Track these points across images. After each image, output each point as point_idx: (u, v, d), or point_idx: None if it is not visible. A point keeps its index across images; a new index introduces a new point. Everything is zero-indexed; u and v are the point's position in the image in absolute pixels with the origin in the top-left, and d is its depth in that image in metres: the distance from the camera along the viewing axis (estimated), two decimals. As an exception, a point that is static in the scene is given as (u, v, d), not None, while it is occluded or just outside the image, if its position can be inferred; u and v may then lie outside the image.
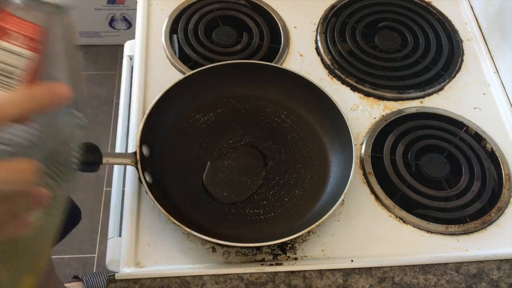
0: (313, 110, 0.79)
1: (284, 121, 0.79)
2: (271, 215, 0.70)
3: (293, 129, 0.78)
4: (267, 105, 0.80)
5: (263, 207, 0.71)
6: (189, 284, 0.64)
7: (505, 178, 0.77)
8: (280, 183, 0.73)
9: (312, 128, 0.78)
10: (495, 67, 0.90)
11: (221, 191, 0.72)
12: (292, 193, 0.72)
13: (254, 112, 0.79)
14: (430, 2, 1.00)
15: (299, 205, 0.72)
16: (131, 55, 0.91)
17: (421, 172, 0.77)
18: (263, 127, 0.78)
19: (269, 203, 0.71)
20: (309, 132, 0.78)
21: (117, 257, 0.68)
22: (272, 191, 0.72)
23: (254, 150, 0.76)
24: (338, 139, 0.75)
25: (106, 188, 1.70)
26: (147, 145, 0.70)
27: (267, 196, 0.72)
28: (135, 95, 0.81)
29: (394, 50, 0.92)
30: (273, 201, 0.72)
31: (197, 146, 0.75)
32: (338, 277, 0.66)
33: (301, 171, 0.74)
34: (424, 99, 0.86)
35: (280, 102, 0.80)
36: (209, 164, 0.74)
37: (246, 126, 0.78)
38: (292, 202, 0.72)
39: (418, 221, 0.72)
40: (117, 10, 1.89)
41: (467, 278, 0.67)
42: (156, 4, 0.94)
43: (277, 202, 0.71)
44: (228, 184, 0.72)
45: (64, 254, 1.56)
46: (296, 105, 0.80)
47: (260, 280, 0.65)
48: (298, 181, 0.73)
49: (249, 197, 0.72)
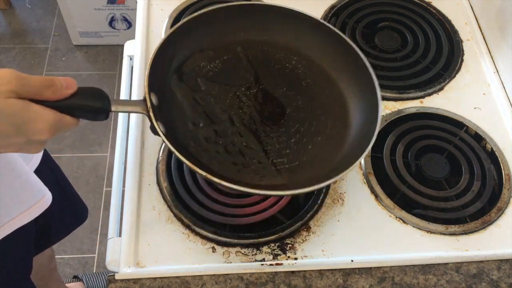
0: (327, 55, 0.73)
1: (296, 67, 0.74)
2: (296, 164, 0.66)
3: (306, 75, 0.73)
4: (276, 51, 0.74)
5: (287, 155, 0.66)
6: (189, 284, 0.64)
7: (505, 178, 0.77)
8: (301, 130, 0.68)
9: (327, 74, 0.73)
10: (495, 67, 0.90)
11: (240, 141, 0.66)
12: (315, 140, 0.68)
13: (263, 59, 0.74)
14: (430, 2, 1.00)
15: (324, 152, 0.67)
16: (131, 55, 0.91)
17: (421, 172, 0.77)
18: (275, 74, 0.73)
19: (292, 151, 0.67)
20: (323, 78, 0.73)
21: (117, 257, 0.68)
22: (293, 139, 0.68)
23: (269, 96, 0.71)
24: (358, 85, 0.70)
25: (106, 188, 1.70)
26: (154, 93, 0.63)
27: (289, 145, 0.67)
28: (135, 95, 0.81)
29: (394, 50, 0.92)
30: (296, 150, 0.67)
31: (207, 95, 0.69)
32: (338, 277, 0.66)
33: (321, 118, 0.70)
34: (424, 99, 0.86)
35: (289, 47, 0.74)
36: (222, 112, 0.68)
37: (256, 73, 0.72)
38: (316, 149, 0.67)
39: (418, 221, 0.72)
40: (117, 10, 1.89)
41: (467, 278, 0.67)
42: (156, 4, 0.94)
43: (300, 150, 0.67)
44: (247, 133, 0.67)
45: (64, 254, 1.56)
46: (306, 50, 0.74)
47: (260, 280, 0.65)
48: (319, 127, 0.69)
49: (270, 146, 0.67)
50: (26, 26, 2.11)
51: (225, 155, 0.65)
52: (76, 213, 1.03)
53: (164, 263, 0.67)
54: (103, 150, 1.78)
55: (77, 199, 1.04)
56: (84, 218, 1.06)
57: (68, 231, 1.03)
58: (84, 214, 1.06)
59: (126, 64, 0.90)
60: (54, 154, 1.73)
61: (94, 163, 1.75)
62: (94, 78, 1.97)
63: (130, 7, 1.87)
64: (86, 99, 0.52)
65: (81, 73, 1.98)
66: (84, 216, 1.06)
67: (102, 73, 1.98)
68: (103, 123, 1.83)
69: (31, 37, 2.07)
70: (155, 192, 0.73)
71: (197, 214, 0.71)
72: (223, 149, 0.66)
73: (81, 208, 1.05)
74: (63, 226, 1.00)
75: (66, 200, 0.96)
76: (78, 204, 1.04)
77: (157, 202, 0.72)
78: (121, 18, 1.93)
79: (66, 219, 0.99)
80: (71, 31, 1.98)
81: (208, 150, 0.65)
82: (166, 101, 0.65)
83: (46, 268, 1.15)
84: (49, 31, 2.09)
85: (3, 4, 2.13)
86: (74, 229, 1.03)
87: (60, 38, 2.07)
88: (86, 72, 1.98)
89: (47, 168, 0.80)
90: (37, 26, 2.11)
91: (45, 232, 0.92)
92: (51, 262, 1.17)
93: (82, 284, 1.43)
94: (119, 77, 1.94)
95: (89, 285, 1.44)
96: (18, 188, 0.69)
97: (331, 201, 0.74)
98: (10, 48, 2.03)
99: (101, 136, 1.81)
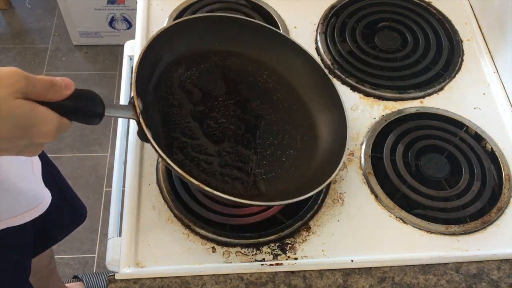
0: (295, 72, 0.77)
1: (267, 81, 0.77)
2: (272, 175, 0.69)
3: (276, 90, 0.77)
4: (249, 64, 0.78)
5: (264, 166, 0.69)
6: (189, 284, 0.64)
7: (505, 178, 0.77)
8: (275, 142, 0.72)
9: (295, 90, 0.77)
10: (495, 67, 0.90)
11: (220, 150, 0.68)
12: (288, 153, 0.71)
13: (237, 70, 0.77)
14: (430, 2, 1.00)
15: (296, 165, 0.70)
16: (131, 55, 0.91)
17: (421, 172, 0.77)
18: (249, 86, 0.76)
19: (268, 163, 0.70)
20: (292, 94, 0.77)
21: (117, 257, 0.68)
22: (269, 151, 0.71)
23: (245, 108, 0.73)
24: (325, 103, 0.75)
25: (106, 188, 1.70)
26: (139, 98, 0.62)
27: (265, 156, 0.70)
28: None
29: (394, 50, 0.92)
30: (272, 161, 0.70)
31: (187, 102, 0.71)
32: (338, 277, 0.66)
33: (292, 131, 0.73)
34: (424, 99, 0.86)
35: (261, 61, 0.78)
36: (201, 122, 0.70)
37: (232, 84, 0.75)
38: (289, 162, 0.71)
39: (418, 221, 0.72)
40: (117, 10, 1.89)
41: (467, 278, 0.67)
42: (156, 4, 0.94)
43: (275, 162, 0.70)
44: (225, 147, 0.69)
45: (64, 254, 1.56)
46: (276, 65, 0.78)
47: (260, 280, 0.65)
48: (290, 141, 0.72)
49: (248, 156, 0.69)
50: (26, 26, 2.11)
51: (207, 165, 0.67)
52: (75, 214, 1.03)
53: (164, 263, 0.67)
54: (103, 150, 1.78)
55: (75, 199, 1.03)
56: (83, 218, 1.05)
57: (67, 232, 1.03)
58: (83, 214, 1.05)
59: (126, 64, 0.90)
60: (54, 154, 1.73)
61: (94, 163, 1.75)
62: (94, 78, 1.97)
63: (130, 7, 1.87)
64: (83, 101, 0.51)
65: (81, 73, 1.98)
66: (83, 216, 1.05)
67: (102, 73, 1.98)
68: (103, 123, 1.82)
69: (31, 37, 2.07)
70: (155, 192, 0.73)
71: (197, 214, 0.71)
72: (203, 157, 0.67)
73: (79, 208, 1.05)
74: (62, 227, 1.00)
75: (64, 201, 0.96)
76: (76, 204, 1.04)
77: (157, 202, 0.72)
78: (121, 18, 1.93)
79: (65, 220, 0.99)
80: (71, 31, 1.98)
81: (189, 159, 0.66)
82: (149, 107, 0.66)
83: (45, 269, 1.15)
84: (49, 31, 2.09)
85: (3, 4, 2.13)
86: (73, 229, 1.03)
87: (60, 38, 2.07)
88: (86, 72, 1.98)
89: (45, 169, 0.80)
90: (37, 26, 2.11)
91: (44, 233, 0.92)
92: (50, 263, 1.17)
93: (82, 284, 1.43)
94: (119, 77, 1.94)
95: (89, 285, 1.44)
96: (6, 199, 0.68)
97: (331, 201, 0.74)
98: (10, 48, 2.03)
99: (101, 136, 1.81)
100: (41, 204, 0.74)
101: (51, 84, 0.46)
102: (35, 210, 0.73)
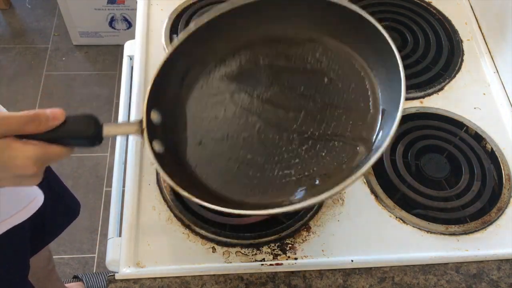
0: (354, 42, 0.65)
1: (319, 60, 0.66)
2: (304, 175, 0.59)
3: (330, 69, 0.65)
4: (298, 46, 0.66)
5: (294, 166, 0.60)
6: (189, 284, 0.64)
7: (505, 178, 0.77)
8: (315, 134, 0.61)
9: (354, 64, 0.64)
10: (495, 67, 0.90)
11: (245, 153, 0.61)
12: (331, 146, 0.60)
13: (281, 57, 0.67)
14: (430, 2, 1.00)
15: (338, 159, 0.60)
16: (131, 55, 0.91)
17: (421, 172, 0.77)
18: (293, 71, 0.66)
19: (301, 160, 0.60)
20: (350, 69, 0.64)
21: (117, 257, 0.68)
22: (305, 146, 0.61)
23: (283, 98, 0.64)
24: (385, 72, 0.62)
25: (106, 188, 1.70)
26: (158, 110, 0.59)
27: (299, 153, 0.60)
28: (135, 95, 0.81)
29: (394, 50, 0.91)
30: (307, 158, 0.60)
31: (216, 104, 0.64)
32: (338, 277, 0.66)
33: (342, 117, 0.62)
34: (424, 99, 0.86)
35: (313, 38, 0.66)
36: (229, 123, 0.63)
37: (272, 74, 0.65)
38: (330, 156, 0.60)
39: (418, 221, 0.72)
40: (117, 10, 1.89)
41: (467, 278, 0.67)
42: (156, 4, 0.94)
43: (311, 159, 0.60)
44: (253, 145, 0.61)
45: (64, 254, 1.56)
46: (332, 39, 0.66)
47: (260, 280, 0.65)
48: (337, 129, 0.61)
49: (278, 157, 0.61)
50: (26, 26, 2.11)
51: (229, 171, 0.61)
52: (68, 209, 1.03)
53: (164, 263, 0.67)
54: (103, 150, 1.78)
55: (68, 195, 1.04)
56: (76, 214, 1.05)
57: (61, 228, 1.03)
58: (76, 209, 1.06)
59: (126, 64, 0.90)
60: (54, 154, 1.73)
61: (94, 163, 1.75)
62: (94, 78, 1.97)
63: (130, 7, 1.87)
64: (75, 127, 0.51)
65: (81, 73, 1.98)
66: (76, 211, 1.06)
67: (102, 73, 1.98)
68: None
69: (31, 37, 2.07)
70: (155, 192, 0.73)
71: (197, 214, 0.71)
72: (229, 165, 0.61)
73: (72, 203, 1.05)
74: (56, 224, 1.00)
75: (57, 197, 0.96)
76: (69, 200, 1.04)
77: (157, 202, 0.72)
78: (121, 18, 1.93)
79: (59, 216, 0.99)
80: (71, 31, 1.98)
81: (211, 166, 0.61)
82: (171, 118, 0.62)
83: (44, 269, 1.15)
84: (49, 31, 2.09)
85: (3, 4, 2.13)
86: (67, 225, 1.03)
87: (60, 38, 2.07)
88: (86, 72, 1.98)
89: None
90: (37, 26, 2.11)
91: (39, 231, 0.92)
92: (48, 264, 1.17)
93: (82, 284, 1.43)
94: (119, 77, 1.94)
95: (89, 285, 1.44)
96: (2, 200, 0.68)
97: (331, 201, 0.74)
98: (10, 48, 2.03)
99: (101, 136, 1.81)
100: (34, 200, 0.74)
101: (31, 118, 0.47)
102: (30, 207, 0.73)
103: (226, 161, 0.61)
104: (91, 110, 1.86)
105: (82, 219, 1.47)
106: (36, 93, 1.89)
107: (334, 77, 0.65)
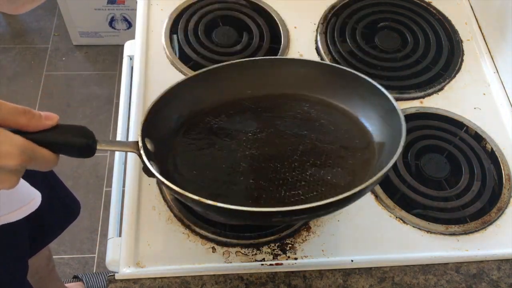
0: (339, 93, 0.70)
1: (308, 112, 0.71)
2: (313, 194, 0.61)
3: (320, 117, 0.70)
4: (286, 102, 0.71)
5: (302, 187, 0.62)
6: (189, 284, 0.64)
7: (505, 178, 0.77)
8: (317, 163, 0.64)
9: (342, 111, 0.69)
10: (495, 67, 0.90)
11: (246, 180, 0.63)
12: (334, 171, 0.63)
13: (271, 108, 0.71)
14: (430, 2, 1.00)
15: (345, 180, 0.63)
16: (131, 55, 0.91)
17: (421, 172, 0.77)
18: (285, 118, 0.70)
19: (308, 183, 0.62)
20: (339, 116, 0.69)
21: (117, 257, 0.68)
22: (309, 172, 0.63)
23: (279, 137, 0.67)
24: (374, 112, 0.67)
25: (106, 188, 1.70)
26: (151, 140, 0.61)
27: (304, 177, 0.62)
28: (135, 95, 0.81)
29: (394, 50, 0.91)
30: (312, 181, 0.62)
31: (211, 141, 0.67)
32: (338, 277, 0.66)
33: (341, 150, 0.66)
34: (424, 99, 0.86)
35: (300, 95, 0.71)
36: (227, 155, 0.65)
37: (265, 120, 0.69)
38: (337, 179, 0.63)
39: (418, 221, 0.72)
40: (117, 10, 1.89)
41: (467, 278, 0.67)
42: (156, 4, 0.94)
43: (317, 182, 0.62)
44: (254, 171, 0.63)
45: (64, 254, 1.56)
46: (319, 94, 0.71)
47: (260, 280, 0.65)
48: (337, 160, 0.64)
49: (282, 181, 0.62)
50: (26, 26, 2.11)
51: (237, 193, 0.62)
52: (68, 210, 1.03)
53: (164, 263, 0.67)
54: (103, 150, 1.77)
55: (68, 195, 1.03)
56: (76, 214, 1.05)
57: (61, 229, 1.02)
58: (76, 209, 1.05)
59: (126, 64, 0.90)
60: (54, 154, 1.73)
61: (94, 163, 1.75)
62: (94, 78, 1.97)
63: (130, 7, 1.87)
64: (67, 134, 0.50)
65: (81, 73, 1.98)
66: (77, 211, 1.05)
67: (102, 73, 1.98)
68: (103, 123, 1.83)
69: (31, 37, 2.07)
70: (155, 192, 0.73)
71: (197, 214, 0.71)
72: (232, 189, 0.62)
73: (72, 203, 1.04)
74: (55, 224, 1.00)
75: (56, 197, 0.96)
76: (69, 200, 1.03)
77: (157, 202, 0.72)
78: (121, 18, 1.93)
79: (58, 216, 0.99)
80: (71, 31, 1.98)
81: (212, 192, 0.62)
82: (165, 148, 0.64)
83: (44, 269, 1.15)
84: (49, 31, 2.09)
85: (3, 4, 2.13)
86: (67, 225, 1.03)
87: (60, 38, 2.07)
88: (86, 72, 1.98)
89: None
90: (37, 26, 2.11)
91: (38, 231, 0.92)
92: (48, 264, 1.17)
93: (82, 284, 1.43)
94: (119, 77, 1.94)
95: (89, 285, 1.44)
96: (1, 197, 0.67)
97: (331, 201, 0.74)
98: (10, 48, 2.03)
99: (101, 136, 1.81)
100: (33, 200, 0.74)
101: (22, 111, 0.45)
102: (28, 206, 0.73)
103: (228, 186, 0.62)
104: (91, 110, 1.86)
105: (82, 219, 1.47)
106: (36, 93, 1.89)
107: (325, 122, 0.69)
